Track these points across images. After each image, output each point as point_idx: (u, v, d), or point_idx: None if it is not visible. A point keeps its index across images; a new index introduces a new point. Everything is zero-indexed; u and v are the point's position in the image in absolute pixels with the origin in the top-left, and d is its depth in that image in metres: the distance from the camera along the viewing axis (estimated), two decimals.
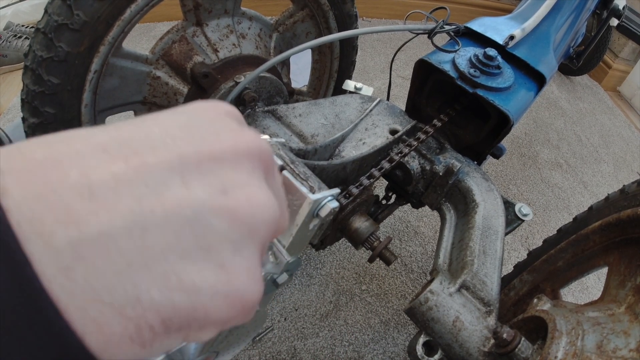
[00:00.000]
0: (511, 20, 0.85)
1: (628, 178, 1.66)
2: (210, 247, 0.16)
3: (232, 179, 0.17)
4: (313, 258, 1.09)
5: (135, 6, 0.64)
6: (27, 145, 0.14)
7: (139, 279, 0.14)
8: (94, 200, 0.14)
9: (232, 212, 0.16)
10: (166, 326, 0.15)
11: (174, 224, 0.15)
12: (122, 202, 0.14)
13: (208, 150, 0.17)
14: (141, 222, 0.14)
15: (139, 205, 0.14)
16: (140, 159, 0.15)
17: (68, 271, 0.13)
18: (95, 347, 0.14)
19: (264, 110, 0.76)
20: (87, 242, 0.13)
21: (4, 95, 1.39)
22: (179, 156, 0.16)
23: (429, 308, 0.55)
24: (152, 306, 0.14)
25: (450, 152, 0.75)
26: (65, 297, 0.13)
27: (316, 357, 0.91)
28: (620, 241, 0.61)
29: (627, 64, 2.17)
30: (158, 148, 0.16)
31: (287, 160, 0.48)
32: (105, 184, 0.14)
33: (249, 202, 0.17)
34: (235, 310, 0.17)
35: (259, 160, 0.19)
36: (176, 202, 0.15)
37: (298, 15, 0.90)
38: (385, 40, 1.98)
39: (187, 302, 0.15)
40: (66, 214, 0.13)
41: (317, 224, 0.34)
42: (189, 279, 0.15)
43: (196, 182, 0.16)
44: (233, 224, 0.16)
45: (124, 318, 0.14)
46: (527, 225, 1.33)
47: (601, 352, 0.45)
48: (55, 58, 0.60)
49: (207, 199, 0.16)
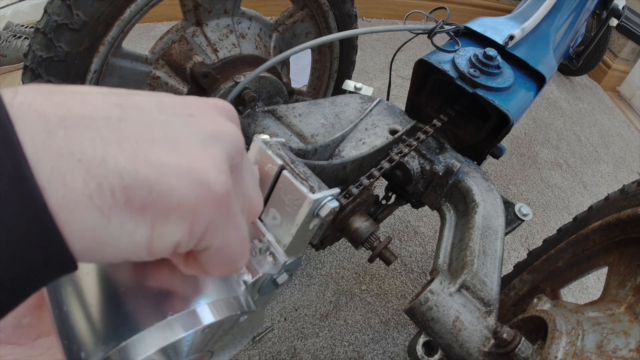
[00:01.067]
0: (511, 20, 0.85)
1: (628, 178, 1.66)
2: (177, 139, 0.18)
3: (199, 110, 0.20)
4: (313, 258, 1.09)
5: (135, 6, 0.64)
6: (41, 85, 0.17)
7: (110, 147, 0.16)
8: (84, 99, 0.17)
9: (197, 123, 0.19)
10: (127, 195, 0.16)
11: (147, 121, 0.17)
12: (106, 104, 0.17)
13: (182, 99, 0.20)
14: (120, 115, 0.17)
15: (120, 109, 0.17)
16: (128, 94, 0.18)
17: (50, 132, 0.15)
18: (55, 201, 0.15)
19: (263, 110, 0.76)
20: (73, 118, 0.16)
21: None
22: (158, 97, 0.19)
23: (429, 308, 0.55)
24: (116, 169, 0.16)
25: (450, 152, 0.75)
26: (41, 149, 0.14)
27: (316, 357, 0.91)
28: (620, 241, 0.61)
29: (626, 64, 2.17)
30: (143, 93, 0.19)
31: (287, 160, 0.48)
32: (96, 92, 0.17)
33: (213, 121, 0.20)
34: (199, 191, 0.17)
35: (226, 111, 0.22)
36: (151, 111, 0.18)
37: (298, 15, 0.90)
38: (385, 40, 1.98)
39: (150, 172, 0.16)
40: (61, 103, 0.16)
41: (317, 223, 0.34)
42: (155, 156, 0.17)
43: (169, 110, 0.19)
44: (199, 129, 0.19)
45: (87, 173, 0.15)
46: (527, 225, 1.33)
47: (601, 352, 0.45)
48: (54, 58, 0.60)
49: (177, 115, 0.19)
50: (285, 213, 0.33)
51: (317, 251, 1.08)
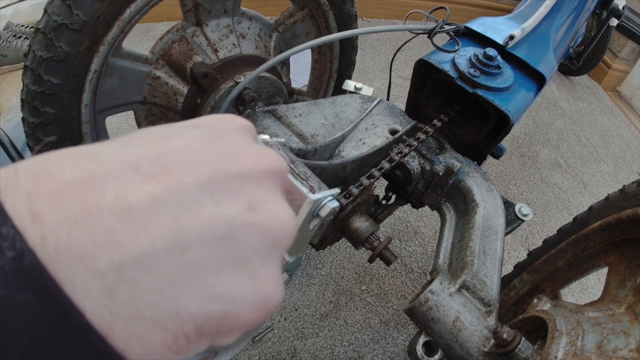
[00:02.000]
0: (511, 20, 0.85)
1: (628, 178, 1.66)
2: (242, 260, 0.17)
3: (258, 196, 0.18)
4: (313, 258, 1.09)
5: (135, 6, 0.64)
6: (51, 163, 0.14)
7: (179, 293, 0.15)
8: (132, 222, 0.14)
9: (260, 227, 0.17)
10: (199, 333, 0.16)
11: (210, 241, 0.16)
12: (160, 222, 0.15)
13: (234, 168, 0.18)
14: (180, 241, 0.15)
15: (176, 224, 0.15)
16: (172, 178, 0.16)
17: (111, 292, 0.13)
18: (135, 357, 0.14)
19: (263, 110, 0.76)
20: (130, 264, 0.14)
21: (4, 95, 1.38)
22: (209, 175, 0.17)
23: (429, 308, 0.55)
24: (190, 317, 0.15)
25: (450, 152, 0.75)
26: (108, 317, 0.13)
27: (316, 357, 0.91)
28: (620, 241, 0.61)
29: (626, 64, 2.17)
30: (187, 166, 0.16)
31: (287, 160, 0.48)
32: (142, 205, 0.14)
33: (274, 217, 0.18)
34: (262, 314, 0.18)
35: (279, 177, 0.20)
36: (210, 219, 0.16)
37: (298, 15, 0.90)
38: (385, 40, 1.98)
39: (220, 310, 0.16)
40: (107, 237, 0.13)
41: (317, 224, 0.34)
42: (223, 289, 0.16)
43: (226, 200, 0.17)
44: (261, 238, 0.18)
45: (163, 330, 0.14)
46: (527, 225, 1.33)
47: (601, 352, 0.45)
48: (55, 58, 0.60)
49: (237, 215, 0.17)
50: None
51: (317, 251, 1.08)
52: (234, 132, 0.20)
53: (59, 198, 0.13)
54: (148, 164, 0.16)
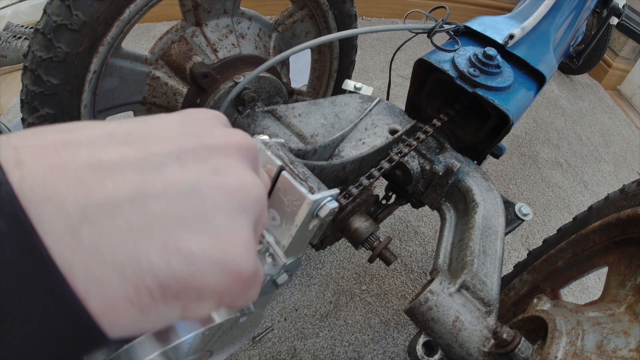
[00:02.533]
0: (511, 19, 0.85)
1: (628, 177, 1.66)
2: (205, 216, 0.17)
3: (224, 163, 0.19)
4: (313, 258, 1.09)
5: (135, 6, 0.64)
6: (38, 129, 0.16)
7: (140, 242, 0.15)
8: (101, 173, 0.15)
9: (224, 186, 0.18)
10: (164, 291, 0.16)
11: (172, 196, 0.17)
12: (126, 175, 0.16)
13: (203, 141, 0.19)
14: (143, 192, 0.16)
15: (141, 178, 0.16)
16: (143, 144, 0.17)
17: (75, 231, 0.14)
18: (97, 309, 0.15)
19: (263, 110, 0.76)
20: (94, 207, 0.15)
21: (4, 95, 1.39)
22: (177, 144, 0.18)
23: (429, 308, 0.55)
24: (151, 269, 0.15)
25: (450, 151, 0.75)
26: (70, 256, 0.14)
27: (316, 357, 0.91)
28: (620, 241, 0.60)
29: (627, 62, 2.17)
30: (158, 137, 0.18)
31: (286, 160, 0.48)
32: (112, 161, 0.16)
33: (239, 180, 0.19)
34: (231, 280, 0.18)
35: (247, 153, 0.21)
36: (174, 177, 0.17)
37: (297, 15, 0.90)
38: (384, 39, 1.98)
39: (184, 267, 0.16)
40: (77, 183, 0.15)
41: (317, 224, 0.34)
42: (186, 245, 0.16)
43: (192, 164, 0.18)
44: (225, 196, 0.18)
45: (124, 278, 0.15)
46: (527, 225, 1.33)
47: (601, 352, 0.45)
48: (54, 58, 0.60)
49: (202, 176, 0.18)
50: (284, 214, 0.33)
51: (317, 251, 1.08)
52: (205, 118, 0.21)
53: (40, 151, 0.15)
54: (122, 132, 0.17)
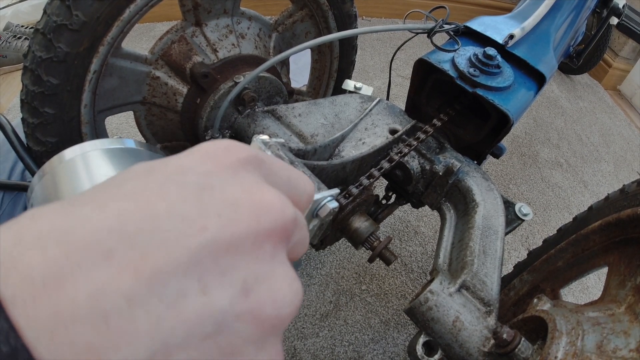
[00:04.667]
0: (511, 19, 0.85)
1: (628, 177, 1.66)
2: (234, 352, 0.15)
3: (254, 271, 0.16)
4: (313, 258, 1.09)
5: (135, 6, 0.64)
6: (19, 251, 0.13)
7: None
8: (110, 332, 0.13)
9: (255, 315, 0.15)
10: None
11: (197, 341, 0.14)
12: (139, 328, 0.13)
13: (226, 237, 0.15)
14: (163, 348, 0.13)
15: (158, 329, 0.13)
16: (151, 264, 0.14)
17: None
18: None
19: (263, 110, 0.76)
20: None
21: (4, 95, 1.39)
22: (195, 253, 0.14)
23: (428, 308, 0.55)
24: None
25: (450, 151, 0.75)
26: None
27: (316, 357, 0.91)
28: (620, 241, 0.60)
29: (627, 62, 2.17)
30: (169, 242, 0.14)
31: (286, 160, 0.48)
32: (118, 309, 0.13)
33: (274, 300, 0.16)
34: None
35: (281, 234, 0.17)
36: (196, 315, 0.14)
37: (297, 15, 0.90)
38: (385, 39, 1.98)
39: None
40: (86, 353, 0.12)
41: (317, 224, 0.34)
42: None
43: (215, 285, 0.15)
44: (256, 327, 0.15)
45: None
46: (527, 225, 1.33)
47: (601, 352, 0.45)
48: (54, 58, 0.60)
49: (228, 305, 0.15)
50: None
51: (317, 251, 1.08)
52: (230, 175, 0.17)
53: (33, 306, 0.12)
54: (122, 246, 0.14)
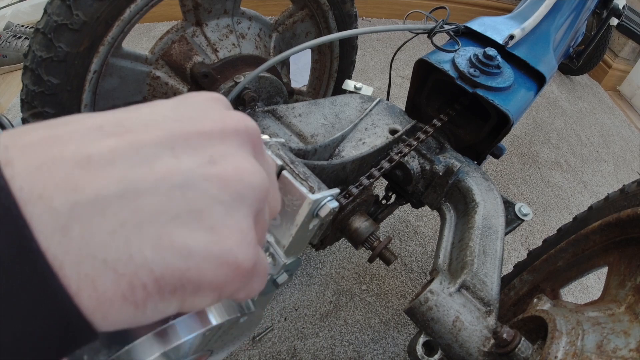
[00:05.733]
0: (511, 19, 0.85)
1: (628, 177, 1.66)
2: (200, 209, 0.17)
3: (220, 151, 0.18)
4: (313, 258, 1.09)
5: (135, 6, 0.64)
6: (28, 126, 0.16)
7: (132, 237, 0.15)
8: (90, 168, 0.15)
9: (221, 177, 0.17)
10: (159, 286, 0.16)
11: (165, 189, 0.16)
12: (116, 170, 0.15)
13: (197, 127, 0.18)
14: (134, 187, 0.15)
15: (132, 173, 0.16)
16: (133, 135, 0.16)
17: (65, 229, 0.14)
18: (88, 305, 0.14)
19: (263, 110, 0.76)
20: (84, 204, 0.14)
21: (4, 95, 1.38)
22: (169, 132, 0.17)
23: (429, 308, 0.55)
24: (145, 264, 0.15)
25: (450, 151, 0.75)
26: (61, 254, 0.14)
27: (316, 357, 0.91)
28: (620, 241, 0.61)
29: (627, 63, 2.17)
30: (149, 126, 0.17)
31: (286, 160, 0.48)
32: (101, 156, 0.15)
33: (237, 169, 0.18)
34: (228, 273, 0.17)
35: (246, 137, 0.20)
36: (166, 169, 0.16)
37: (298, 15, 0.90)
38: (385, 39, 1.98)
39: (179, 262, 0.16)
40: (65, 180, 0.14)
41: (317, 224, 0.34)
42: (181, 239, 0.16)
43: (186, 154, 0.17)
44: (222, 188, 0.17)
45: (116, 274, 0.15)
46: (527, 225, 1.33)
47: (601, 352, 0.45)
48: (54, 58, 0.60)
49: (196, 167, 0.17)
50: (285, 213, 0.33)
51: (317, 251, 1.08)
52: (202, 101, 0.20)
53: (29, 149, 0.15)
54: (112, 124, 0.17)
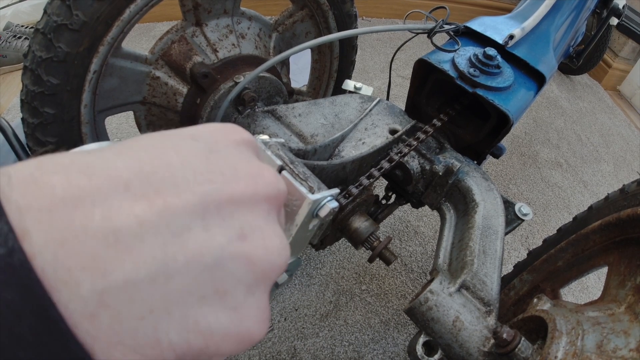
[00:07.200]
0: (511, 19, 0.85)
1: (628, 177, 1.66)
2: (226, 291, 0.17)
3: (250, 222, 0.18)
4: (313, 258, 1.09)
5: (135, 6, 0.64)
6: (43, 173, 0.14)
7: (160, 322, 0.15)
8: (118, 247, 0.14)
9: (249, 257, 0.17)
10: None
11: (195, 270, 0.16)
12: (146, 249, 0.14)
13: (228, 191, 0.17)
14: (164, 270, 0.15)
15: (162, 252, 0.15)
16: (163, 200, 0.15)
17: (93, 318, 0.13)
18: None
19: (263, 110, 0.76)
20: (113, 290, 0.14)
21: (4, 95, 1.38)
22: (201, 198, 0.16)
23: (428, 308, 0.55)
24: (170, 346, 0.15)
25: (450, 151, 0.75)
26: (89, 342, 0.13)
27: (316, 357, 0.91)
28: (620, 241, 0.60)
29: (627, 63, 2.17)
30: (180, 186, 0.16)
31: (286, 160, 0.48)
32: (129, 229, 0.14)
33: (265, 248, 0.18)
34: (243, 347, 0.18)
35: (275, 202, 0.20)
36: (198, 248, 0.16)
37: (297, 15, 0.90)
38: (385, 39, 1.98)
39: (200, 342, 0.16)
40: (91, 262, 0.13)
41: (317, 224, 0.34)
42: (205, 321, 0.16)
43: (216, 226, 0.16)
44: (249, 269, 0.17)
45: (143, 358, 0.15)
46: (527, 225, 1.33)
47: (601, 352, 0.45)
48: (54, 58, 0.60)
49: (227, 244, 0.16)
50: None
51: (317, 251, 1.08)
52: (233, 147, 0.19)
53: (48, 216, 0.13)
54: (139, 181, 0.15)
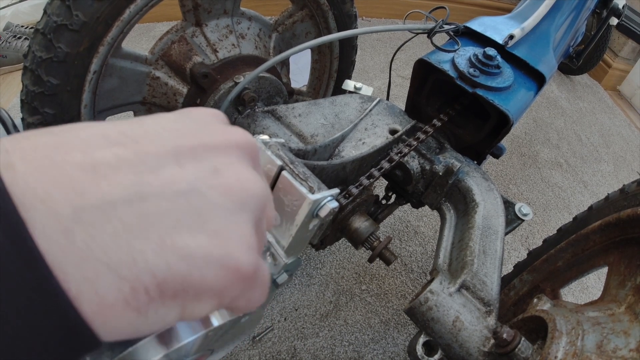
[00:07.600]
0: (511, 19, 0.85)
1: (628, 177, 1.66)
2: (203, 215, 0.17)
3: (223, 162, 0.19)
4: (313, 258, 1.09)
5: (135, 6, 0.64)
6: (30, 132, 0.16)
7: (135, 241, 0.15)
8: (96, 175, 0.15)
9: (224, 185, 0.18)
10: (161, 290, 0.15)
11: (170, 195, 0.16)
12: (122, 175, 0.15)
13: (200, 140, 0.19)
14: (139, 192, 0.15)
15: (138, 178, 0.16)
16: (139, 145, 0.17)
17: (67, 233, 0.14)
18: (89, 309, 0.14)
19: (263, 111, 0.76)
20: (89, 209, 0.14)
21: (4, 95, 1.38)
22: (174, 144, 0.18)
23: (429, 308, 0.55)
24: (147, 267, 0.15)
25: (450, 151, 0.75)
26: (61, 257, 0.14)
27: (316, 357, 0.91)
28: (620, 241, 0.60)
29: (627, 63, 2.17)
30: (154, 138, 0.17)
31: (286, 160, 0.48)
32: (107, 162, 0.15)
33: (239, 178, 0.19)
34: (228, 276, 0.17)
35: (247, 150, 0.21)
36: (172, 177, 0.17)
37: (297, 15, 0.90)
38: (385, 39, 1.98)
39: (181, 265, 0.16)
40: (70, 185, 0.14)
41: (317, 224, 0.34)
42: (183, 243, 0.16)
43: (190, 164, 0.18)
44: (225, 195, 0.18)
45: (119, 278, 0.14)
46: (527, 225, 1.33)
47: (601, 352, 0.45)
48: (54, 59, 0.60)
49: (201, 175, 0.17)
50: (284, 214, 0.33)
51: (317, 251, 1.08)
52: (202, 116, 0.21)
53: (32, 153, 0.14)
54: (118, 134, 0.17)
